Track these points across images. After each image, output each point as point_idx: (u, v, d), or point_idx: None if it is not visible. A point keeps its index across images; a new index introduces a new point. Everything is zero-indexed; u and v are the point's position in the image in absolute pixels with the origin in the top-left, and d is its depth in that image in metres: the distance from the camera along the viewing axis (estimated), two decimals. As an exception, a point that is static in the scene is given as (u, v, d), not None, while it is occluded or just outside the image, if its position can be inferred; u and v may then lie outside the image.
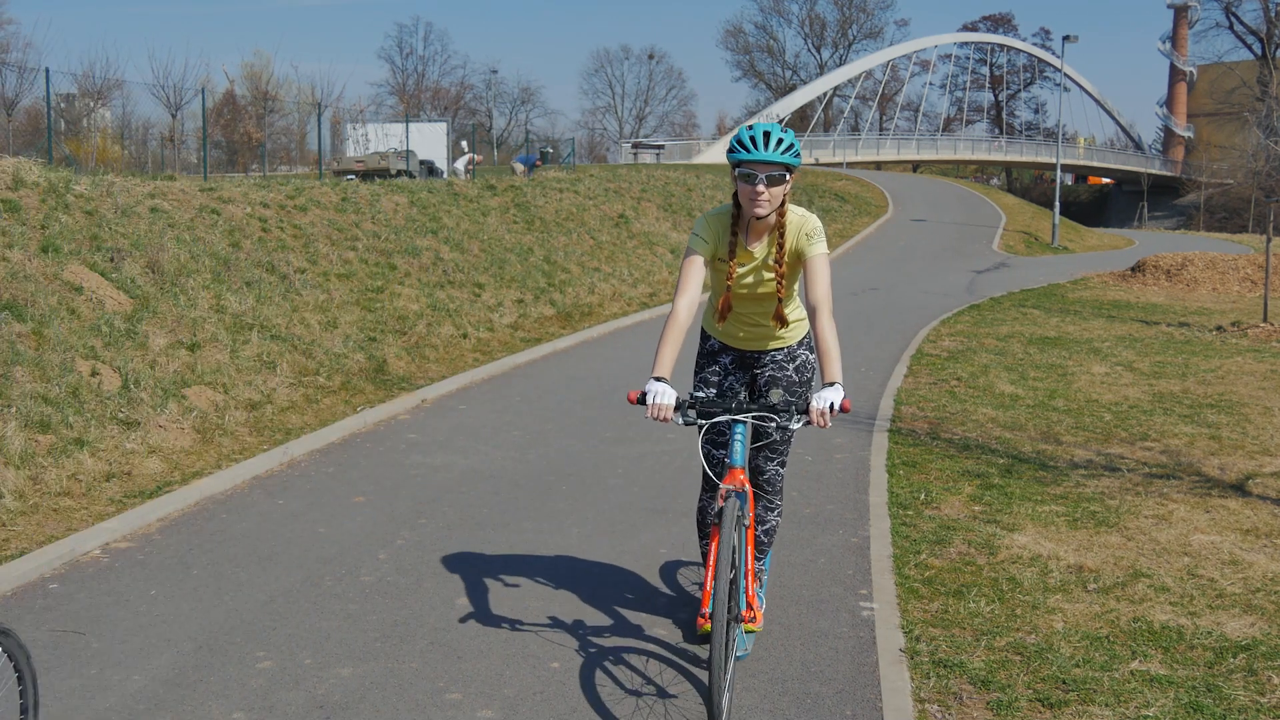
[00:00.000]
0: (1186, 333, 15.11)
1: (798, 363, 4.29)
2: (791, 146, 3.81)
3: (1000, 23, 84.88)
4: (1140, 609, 4.76)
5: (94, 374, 7.64)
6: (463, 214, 17.21)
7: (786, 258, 3.99)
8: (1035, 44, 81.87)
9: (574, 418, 8.77)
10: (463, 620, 4.60)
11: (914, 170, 71.89)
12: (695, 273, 3.96)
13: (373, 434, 8.13)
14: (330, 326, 10.73)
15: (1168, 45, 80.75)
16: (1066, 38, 38.34)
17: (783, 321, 4.10)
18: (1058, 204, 38.21)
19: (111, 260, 9.38)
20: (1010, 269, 26.72)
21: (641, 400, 3.70)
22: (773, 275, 4.04)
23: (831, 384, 3.68)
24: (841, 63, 78.23)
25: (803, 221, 3.97)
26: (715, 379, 4.31)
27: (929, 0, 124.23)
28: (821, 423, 3.59)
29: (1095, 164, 76.84)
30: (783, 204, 3.91)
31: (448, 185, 19.14)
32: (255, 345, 9.40)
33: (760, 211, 3.85)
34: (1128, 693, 3.95)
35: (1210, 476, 7.11)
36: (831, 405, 3.61)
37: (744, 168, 3.81)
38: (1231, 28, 74.88)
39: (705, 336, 4.42)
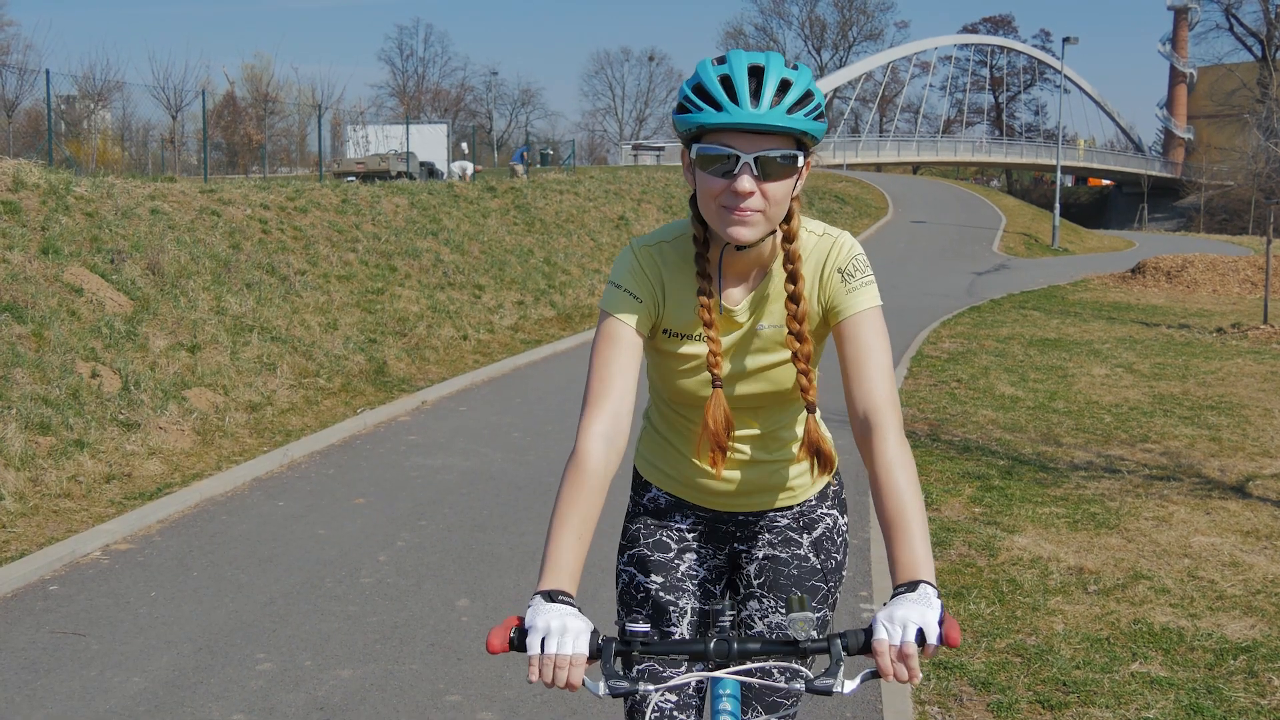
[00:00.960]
0: (1187, 334, 15.12)
1: (817, 532, 2.20)
2: (808, 98, 1.81)
3: (1000, 24, 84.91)
4: (1140, 611, 4.76)
5: (94, 376, 7.64)
6: (463, 216, 17.21)
7: (805, 320, 1.95)
8: (1035, 46, 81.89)
9: (574, 419, 8.73)
10: (463, 622, 4.61)
11: (914, 172, 71.88)
12: (622, 365, 1.94)
13: (373, 436, 8.13)
14: (330, 328, 10.73)
15: (1168, 47, 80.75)
16: (1066, 39, 38.39)
17: (821, 456, 1.98)
18: (1058, 205, 38.24)
19: (112, 262, 9.38)
20: (1010, 270, 26.74)
21: (517, 643, 1.68)
22: (781, 359, 2.01)
23: (912, 585, 1.66)
24: (841, 64, 78.27)
25: (830, 248, 1.97)
26: (665, 560, 2.25)
27: (929, 2, 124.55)
28: (904, 676, 1.60)
29: (1095, 166, 76.83)
30: (791, 215, 1.91)
31: (448, 187, 19.16)
32: (255, 347, 9.40)
33: (746, 234, 1.84)
34: (1128, 694, 3.95)
35: (1210, 478, 7.11)
36: (920, 636, 1.60)
37: (711, 143, 1.81)
38: (1231, 29, 74.93)
39: (642, 484, 2.33)
